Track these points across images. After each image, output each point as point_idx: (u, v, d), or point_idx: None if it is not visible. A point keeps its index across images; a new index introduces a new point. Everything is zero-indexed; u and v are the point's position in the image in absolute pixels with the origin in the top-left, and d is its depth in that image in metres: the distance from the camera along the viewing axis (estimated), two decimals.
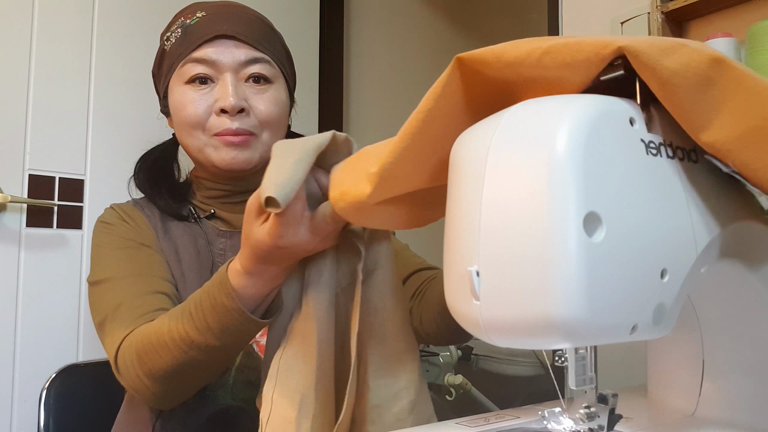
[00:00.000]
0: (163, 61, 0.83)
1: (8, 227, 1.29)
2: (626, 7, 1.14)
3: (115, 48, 1.46)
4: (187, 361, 0.64)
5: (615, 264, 0.39)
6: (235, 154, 0.79)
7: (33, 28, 1.34)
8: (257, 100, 0.80)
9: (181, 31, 0.80)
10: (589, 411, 0.48)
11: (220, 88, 0.78)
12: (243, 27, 0.80)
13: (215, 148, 0.79)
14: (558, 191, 0.38)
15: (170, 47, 0.81)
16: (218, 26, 0.79)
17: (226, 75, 0.78)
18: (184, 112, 0.79)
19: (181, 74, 0.79)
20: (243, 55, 0.79)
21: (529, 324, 0.40)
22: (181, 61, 0.79)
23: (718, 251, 0.47)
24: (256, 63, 0.79)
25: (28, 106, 1.32)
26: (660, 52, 0.41)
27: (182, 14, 0.83)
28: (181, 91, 0.79)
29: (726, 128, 0.41)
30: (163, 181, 0.87)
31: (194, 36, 0.79)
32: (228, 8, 0.82)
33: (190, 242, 0.82)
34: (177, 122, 0.82)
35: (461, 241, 0.44)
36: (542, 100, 0.44)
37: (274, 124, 0.82)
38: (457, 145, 0.47)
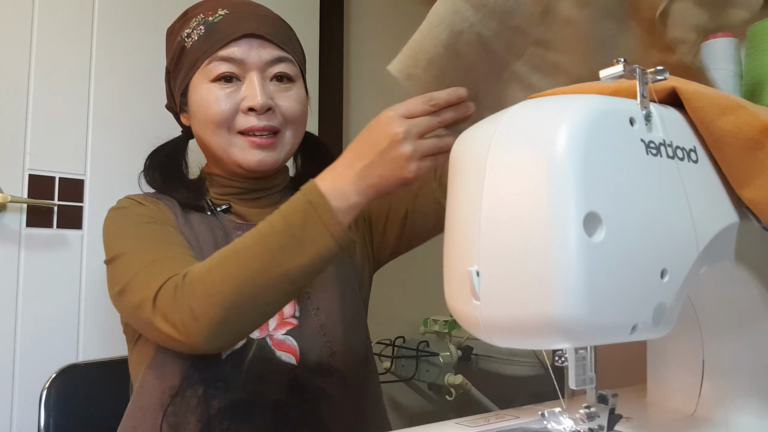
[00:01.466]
0: (183, 58, 0.83)
1: (8, 227, 1.29)
2: None
3: (115, 48, 1.45)
4: (259, 266, 0.63)
5: (615, 264, 0.39)
6: (263, 156, 0.80)
7: (33, 28, 1.34)
8: (282, 99, 0.81)
9: (204, 28, 0.80)
10: (589, 411, 0.48)
11: (247, 87, 0.79)
12: (268, 26, 0.81)
13: (241, 149, 0.80)
14: (558, 191, 0.38)
15: (192, 44, 0.81)
16: (245, 25, 0.79)
17: (253, 74, 0.79)
18: (210, 110, 0.79)
19: (206, 72, 0.79)
20: (269, 55, 0.80)
21: (529, 324, 0.40)
22: (206, 58, 0.79)
23: (718, 251, 0.47)
24: (281, 62, 0.81)
25: (28, 106, 1.32)
26: (718, 112, 0.44)
27: (200, 11, 0.82)
28: (207, 89, 0.79)
29: (766, 189, 0.44)
30: (176, 177, 0.87)
31: (220, 34, 0.79)
32: (250, 7, 0.83)
33: (209, 233, 0.82)
34: (200, 120, 0.82)
35: (461, 241, 0.44)
36: (542, 100, 0.44)
37: (297, 122, 0.84)
38: (457, 145, 0.47)
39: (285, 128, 0.82)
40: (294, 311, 0.81)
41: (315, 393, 0.79)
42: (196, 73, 0.81)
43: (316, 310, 0.82)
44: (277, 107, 0.81)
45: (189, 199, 0.84)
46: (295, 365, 0.78)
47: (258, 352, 0.77)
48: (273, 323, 0.80)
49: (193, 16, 0.83)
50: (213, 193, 0.87)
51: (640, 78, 0.44)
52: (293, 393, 0.78)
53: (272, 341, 0.78)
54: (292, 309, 0.81)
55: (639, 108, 0.43)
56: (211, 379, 0.75)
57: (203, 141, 0.84)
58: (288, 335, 0.80)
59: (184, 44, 0.82)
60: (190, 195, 0.85)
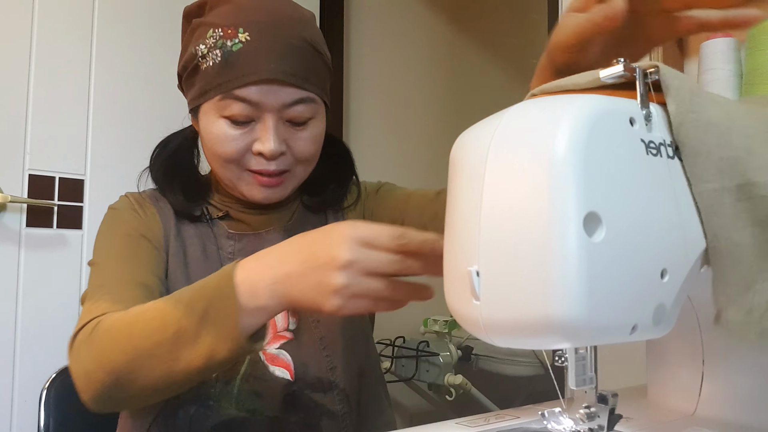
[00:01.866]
0: (195, 77, 0.76)
1: (8, 227, 1.29)
2: None
3: (115, 48, 1.45)
4: (150, 346, 0.58)
5: (615, 264, 0.39)
6: (269, 194, 0.78)
7: (33, 28, 1.34)
8: (296, 140, 0.76)
9: (221, 55, 0.72)
10: (589, 411, 0.48)
11: (260, 129, 0.74)
12: (291, 63, 0.73)
13: (248, 184, 0.77)
14: (558, 191, 0.38)
15: (206, 68, 0.74)
16: (264, 65, 0.71)
17: (268, 116, 0.73)
18: (219, 148, 0.75)
19: (219, 107, 0.74)
20: (288, 97, 0.74)
21: (529, 324, 0.40)
22: (220, 93, 0.73)
23: None
24: (300, 103, 0.75)
25: (28, 106, 1.33)
26: None
27: (219, 24, 0.74)
28: (218, 125, 0.74)
29: None
30: (178, 177, 0.84)
31: (237, 71, 0.72)
32: (275, 32, 0.73)
33: (199, 245, 0.81)
34: (208, 149, 0.78)
35: (461, 241, 0.44)
36: (542, 100, 0.44)
37: (309, 160, 0.80)
38: (457, 145, 0.47)
39: (295, 166, 0.79)
40: (288, 324, 0.78)
41: (314, 409, 0.76)
42: (207, 102, 0.75)
43: (317, 322, 0.80)
44: (290, 148, 0.76)
45: (184, 206, 0.81)
46: (291, 381, 0.76)
47: (250, 368, 0.75)
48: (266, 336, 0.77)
49: (211, 26, 0.74)
50: (217, 199, 0.85)
51: (640, 78, 0.44)
52: (290, 410, 0.75)
53: (265, 356, 0.76)
54: (286, 321, 0.78)
55: (639, 108, 0.43)
56: (203, 397, 0.73)
57: (212, 168, 0.82)
58: (282, 349, 0.77)
59: (198, 63, 0.75)
60: (187, 200, 0.82)
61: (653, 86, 0.45)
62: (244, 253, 0.80)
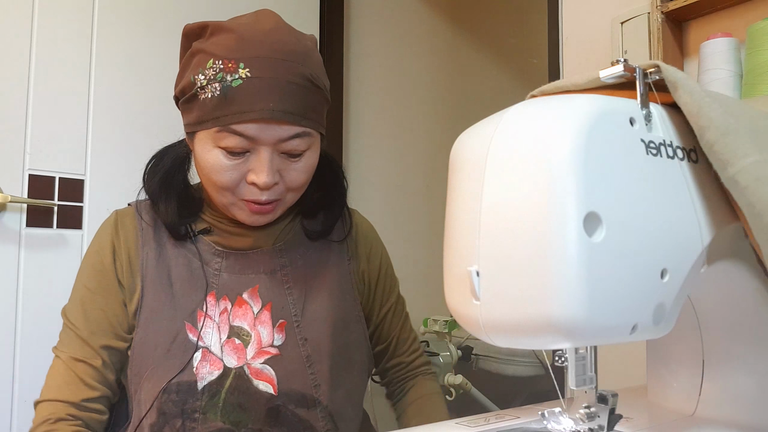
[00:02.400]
0: (193, 105, 0.76)
1: (8, 227, 1.29)
2: (626, 7, 1.14)
3: (115, 48, 1.45)
4: None
5: (615, 264, 0.39)
6: (259, 218, 0.80)
7: (33, 28, 1.34)
8: (289, 171, 0.78)
9: (220, 89, 0.72)
10: (589, 411, 0.48)
11: (255, 161, 0.75)
12: (290, 102, 0.73)
13: (240, 209, 0.79)
14: (558, 191, 0.38)
15: (205, 99, 0.73)
16: (263, 104, 0.71)
17: (263, 150, 0.74)
18: (214, 176, 0.76)
19: (215, 138, 0.74)
20: (285, 133, 0.74)
21: (529, 324, 0.40)
22: (218, 126, 0.73)
23: (718, 251, 0.47)
24: (296, 138, 0.75)
25: (28, 106, 1.32)
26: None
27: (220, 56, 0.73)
28: (213, 155, 0.75)
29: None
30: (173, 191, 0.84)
31: (235, 107, 0.72)
32: (275, 70, 0.73)
33: (184, 263, 0.81)
34: (203, 174, 0.79)
35: (461, 241, 0.44)
36: (542, 100, 0.44)
37: (300, 189, 0.81)
38: (457, 145, 0.47)
39: (286, 194, 0.80)
40: (273, 339, 0.80)
41: (297, 424, 0.78)
42: (203, 130, 0.75)
43: (304, 340, 0.81)
44: (283, 179, 0.77)
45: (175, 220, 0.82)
46: (274, 395, 0.78)
47: (235, 382, 0.77)
48: (251, 351, 0.79)
49: (212, 56, 0.73)
50: (209, 214, 0.85)
51: (640, 78, 0.44)
52: (273, 423, 0.77)
53: (250, 370, 0.78)
54: (271, 337, 0.80)
55: (639, 108, 0.43)
56: (189, 410, 0.75)
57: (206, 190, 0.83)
58: (266, 364, 0.79)
59: (197, 93, 0.74)
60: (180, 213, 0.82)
61: (653, 86, 0.45)
62: (231, 270, 0.82)
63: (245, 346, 0.79)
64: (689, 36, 1.08)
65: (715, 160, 0.43)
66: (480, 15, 2.55)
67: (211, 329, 0.79)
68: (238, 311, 0.80)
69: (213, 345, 0.78)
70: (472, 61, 2.51)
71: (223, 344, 0.78)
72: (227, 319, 0.80)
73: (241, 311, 0.80)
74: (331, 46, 1.95)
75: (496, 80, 2.55)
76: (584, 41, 1.24)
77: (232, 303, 0.80)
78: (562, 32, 1.28)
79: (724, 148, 0.42)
